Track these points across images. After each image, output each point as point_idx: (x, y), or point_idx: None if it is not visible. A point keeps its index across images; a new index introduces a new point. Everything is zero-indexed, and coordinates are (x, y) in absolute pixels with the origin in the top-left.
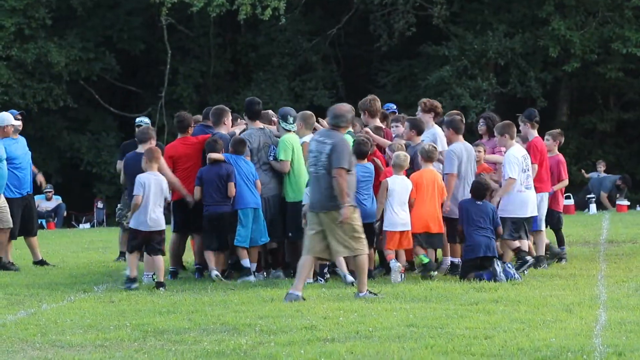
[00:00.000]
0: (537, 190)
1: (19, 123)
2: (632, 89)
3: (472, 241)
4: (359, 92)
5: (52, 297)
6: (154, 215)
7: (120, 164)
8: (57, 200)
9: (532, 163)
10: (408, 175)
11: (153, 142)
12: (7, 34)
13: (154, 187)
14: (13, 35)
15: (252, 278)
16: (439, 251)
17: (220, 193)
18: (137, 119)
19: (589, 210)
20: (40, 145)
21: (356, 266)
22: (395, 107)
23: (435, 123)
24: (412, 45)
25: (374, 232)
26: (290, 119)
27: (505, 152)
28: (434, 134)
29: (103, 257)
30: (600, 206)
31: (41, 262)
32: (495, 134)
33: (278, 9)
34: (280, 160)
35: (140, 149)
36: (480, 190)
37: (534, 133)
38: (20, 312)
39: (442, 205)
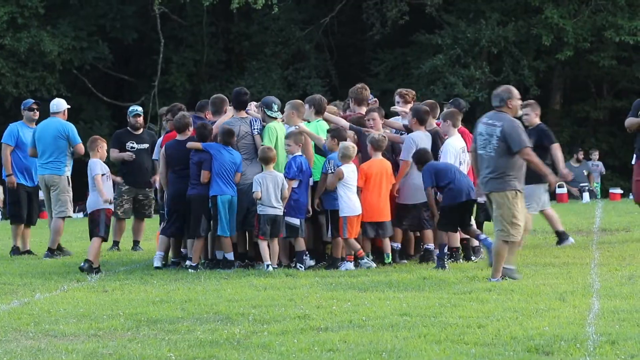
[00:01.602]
0: None
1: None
2: (625, 77)
3: (453, 187)
4: (352, 81)
5: (45, 286)
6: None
7: (113, 153)
8: None
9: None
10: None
11: (192, 129)
12: None
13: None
14: (6, 24)
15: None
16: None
17: (188, 176)
18: (131, 108)
19: (582, 199)
20: None
21: (495, 251)
22: (372, 97)
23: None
24: (405, 34)
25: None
26: (275, 107)
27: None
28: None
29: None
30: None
31: (28, 252)
32: (440, 119)
33: None
34: (263, 145)
35: (180, 137)
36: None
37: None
38: (13, 301)
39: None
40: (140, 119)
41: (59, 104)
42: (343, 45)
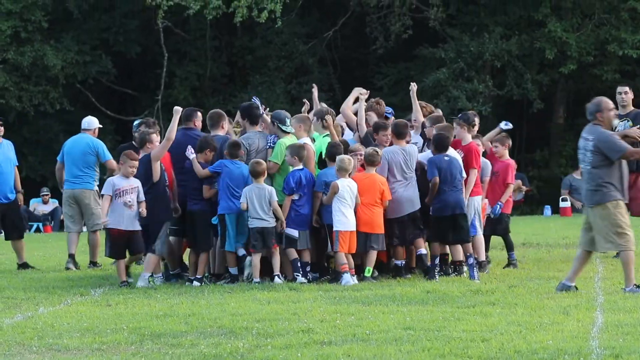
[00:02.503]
0: (472, 193)
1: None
2: None
3: (442, 198)
4: None
5: (49, 300)
6: None
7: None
8: (53, 203)
9: (471, 167)
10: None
11: (150, 146)
12: (3, 37)
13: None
14: (9, 39)
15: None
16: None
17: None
18: (136, 122)
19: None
20: (37, 149)
21: (622, 262)
22: (391, 110)
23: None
24: (408, 48)
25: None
26: (288, 121)
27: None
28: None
29: (100, 261)
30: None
31: (24, 265)
32: (427, 124)
33: (274, 11)
34: (270, 160)
35: (142, 152)
36: (443, 140)
37: (468, 137)
38: (17, 315)
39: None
40: None
41: (91, 122)
42: (346, 59)
